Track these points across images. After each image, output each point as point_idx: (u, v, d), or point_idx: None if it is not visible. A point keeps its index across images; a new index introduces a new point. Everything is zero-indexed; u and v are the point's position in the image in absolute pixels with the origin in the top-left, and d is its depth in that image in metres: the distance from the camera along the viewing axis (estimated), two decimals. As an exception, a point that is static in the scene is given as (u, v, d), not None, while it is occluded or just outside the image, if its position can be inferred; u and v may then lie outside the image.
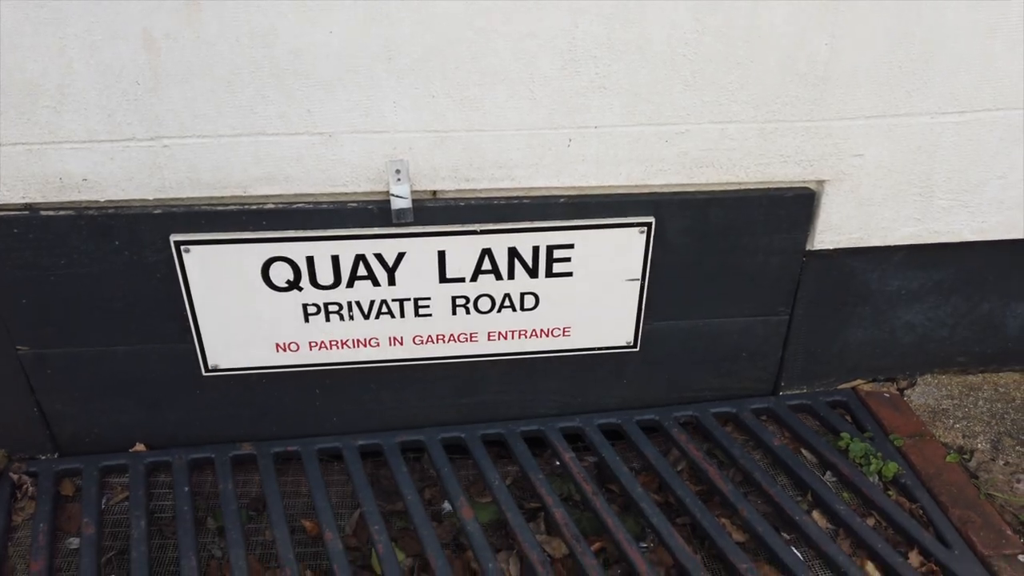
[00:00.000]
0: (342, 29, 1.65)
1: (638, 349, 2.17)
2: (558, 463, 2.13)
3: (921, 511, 1.93)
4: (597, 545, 1.91)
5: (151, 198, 1.81)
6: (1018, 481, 2.03)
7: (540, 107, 1.81)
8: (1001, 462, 2.09)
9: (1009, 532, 1.87)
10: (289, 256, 1.87)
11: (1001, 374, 2.38)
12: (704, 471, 2.05)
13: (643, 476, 2.12)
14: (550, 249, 1.97)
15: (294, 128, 1.77)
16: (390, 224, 1.88)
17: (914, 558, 1.82)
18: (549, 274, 2.00)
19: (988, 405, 2.27)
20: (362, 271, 1.91)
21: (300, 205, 1.86)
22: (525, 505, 2.04)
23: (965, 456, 2.11)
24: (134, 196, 1.80)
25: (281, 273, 1.89)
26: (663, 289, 2.10)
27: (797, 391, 2.34)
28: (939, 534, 1.86)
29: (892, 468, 2.02)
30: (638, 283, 2.05)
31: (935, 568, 1.80)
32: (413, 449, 2.20)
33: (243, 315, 1.93)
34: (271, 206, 1.85)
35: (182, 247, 1.82)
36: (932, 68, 1.87)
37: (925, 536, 1.85)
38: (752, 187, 2.01)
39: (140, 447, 2.13)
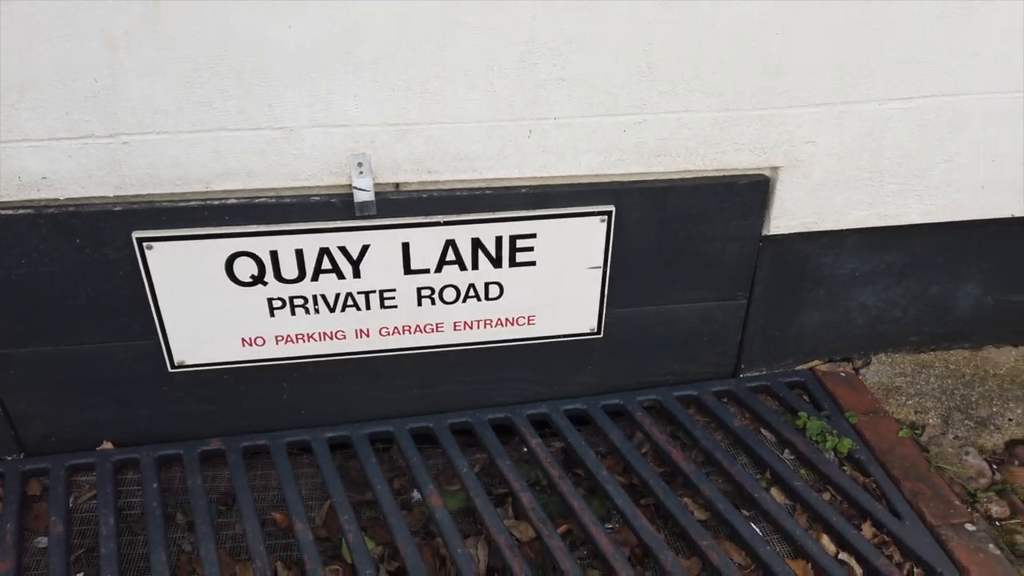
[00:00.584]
0: (301, 23, 1.66)
1: (602, 336, 2.21)
2: (526, 449, 2.17)
3: (874, 485, 2.01)
4: (564, 527, 1.95)
5: (111, 195, 1.81)
6: (966, 454, 2.12)
7: (500, 99, 1.84)
8: (951, 436, 2.18)
9: (957, 502, 1.95)
10: (253, 251, 1.88)
11: (952, 352, 2.47)
12: (667, 453, 2.10)
13: (609, 459, 2.17)
14: (513, 239, 2.00)
15: (255, 123, 1.77)
16: (354, 217, 1.89)
17: (867, 529, 1.89)
18: (512, 263, 2.04)
19: (939, 382, 2.36)
20: (326, 264, 1.93)
21: (262, 199, 1.87)
22: (493, 491, 2.07)
23: (917, 431, 2.19)
24: (94, 193, 1.79)
25: (245, 268, 1.90)
26: (625, 276, 2.15)
27: (757, 373, 2.40)
28: (891, 506, 1.94)
29: (847, 444, 2.09)
30: (600, 271, 2.10)
31: (887, 539, 1.87)
32: (382, 440, 2.22)
33: (208, 311, 1.94)
34: (233, 201, 1.86)
35: (144, 244, 1.82)
36: (881, 56, 1.93)
37: (878, 508, 1.92)
38: (709, 175, 2.06)
39: (107, 445, 2.12)
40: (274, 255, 1.89)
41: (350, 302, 2.00)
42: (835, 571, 1.78)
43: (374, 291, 1.99)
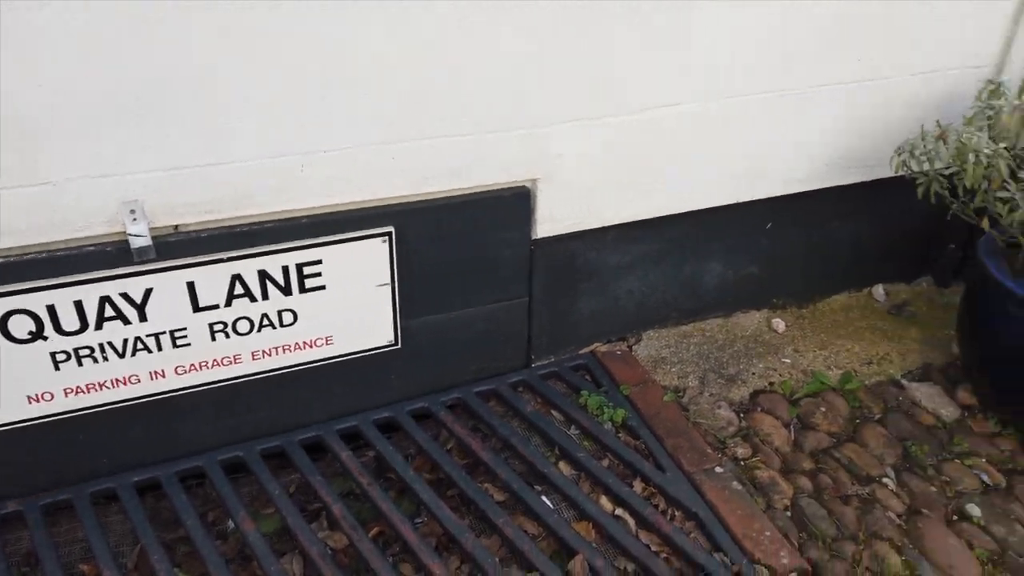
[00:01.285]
0: (54, 79, 1.67)
1: (401, 346, 2.37)
2: (338, 463, 2.29)
3: (644, 446, 2.32)
4: (375, 530, 2.10)
5: None
6: (719, 407, 2.49)
7: (269, 137, 1.93)
8: (707, 394, 2.54)
9: (709, 450, 2.30)
10: (27, 308, 1.86)
11: (707, 322, 2.86)
12: (469, 445, 2.30)
13: (418, 460, 2.34)
14: (299, 267, 2.11)
15: (18, 180, 1.75)
16: (133, 263, 1.92)
17: (637, 485, 2.19)
18: (303, 290, 2.15)
19: (697, 348, 2.73)
20: (109, 312, 1.94)
21: (33, 256, 1.85)
22: (308, 508, 2.18)
23: (679, 394, 2.54)
24: None
25: (22, 325, 1.87)
26: (415, 289, 2.32)
27: (546, 361, 2.66)
28: (657, 462, 2.25)
29: (621, 414, 2.39)
30: (389, 287, 2.25)
31: (654, 491, 2.18)
32: (195, 475, 2.25)
33: (-16, 373, 1.89)
34: (1, 261, 1.83)
35: (-99, 314, 1.76)
36: (615, 77, 2.22)
37: (646, 466, 2.23)
38: (476, 191, 2.27)
39: None
40: (51, 309, 1.88)
41: (140, 346, 2.02)
42: (612, 526, 2.06)
43: (164, 332, 2.03)
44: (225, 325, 2.09)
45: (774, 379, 2.63)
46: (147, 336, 2.01)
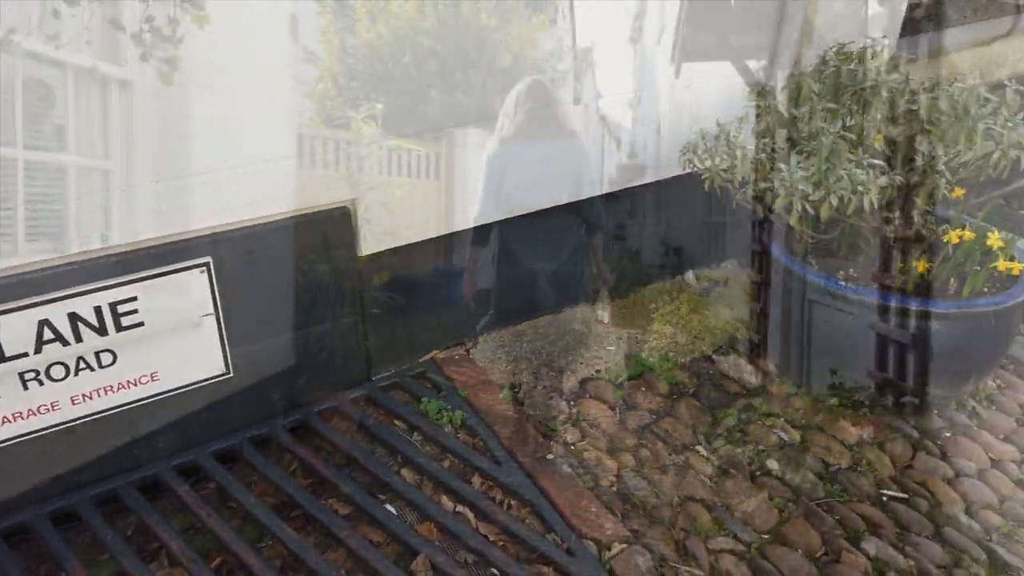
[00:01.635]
0: None
1: (233, 375, 2.37)
2: (177, 499, 2.26)
3: (482, 443, 2.44)
4: (218, 560, 2.09)
5: None
6: (551, 398, 2.66)
7: (61, 179, 1.90)
8: (540, 387, 2.71)
9: (542, 440, 2.46)
10: None
11: (539, 319, 3.03)
12: (311, 465, 2.34)
13: (260, 486, 2.34)
14: (113, 306, 2.07)
15: None
16: (-78, 319, 1.83)
17: (476, 481, 2.31)
18: (120, 328, 2.11)
19: (531, 345, 2.90)
20: (-100, 373, 1.84)
21: None
22: (147, 548, 2.14)
23: (515, 390, 2.69)
24: None
25: None
26: (243, 315, 2.32)
27: (387, 373, 2.73)
28: (494, 457, 2.38)
29: (459, 415, 2.51)
30: (213, 316, 2.25)
31: (492, 484, 2.31)
32: (22, 531, 2.15)
33: None
34: None
35: None
36: (420, 99, 2.33)
37: (484, 462, 2.35)
38: (296, 214, 2.31)
39: None
40: None
41: (-59, 405, 1.92)
42: (453, 523, 2.16)
43: (-33, 388, 1.94)
44: (37, 372, 2.03)
45: (600, 367, 2.83)
46: (-53, 394, 1.92)
